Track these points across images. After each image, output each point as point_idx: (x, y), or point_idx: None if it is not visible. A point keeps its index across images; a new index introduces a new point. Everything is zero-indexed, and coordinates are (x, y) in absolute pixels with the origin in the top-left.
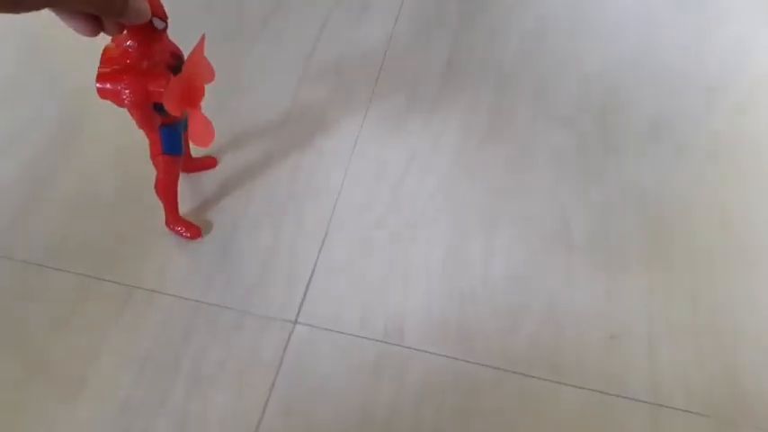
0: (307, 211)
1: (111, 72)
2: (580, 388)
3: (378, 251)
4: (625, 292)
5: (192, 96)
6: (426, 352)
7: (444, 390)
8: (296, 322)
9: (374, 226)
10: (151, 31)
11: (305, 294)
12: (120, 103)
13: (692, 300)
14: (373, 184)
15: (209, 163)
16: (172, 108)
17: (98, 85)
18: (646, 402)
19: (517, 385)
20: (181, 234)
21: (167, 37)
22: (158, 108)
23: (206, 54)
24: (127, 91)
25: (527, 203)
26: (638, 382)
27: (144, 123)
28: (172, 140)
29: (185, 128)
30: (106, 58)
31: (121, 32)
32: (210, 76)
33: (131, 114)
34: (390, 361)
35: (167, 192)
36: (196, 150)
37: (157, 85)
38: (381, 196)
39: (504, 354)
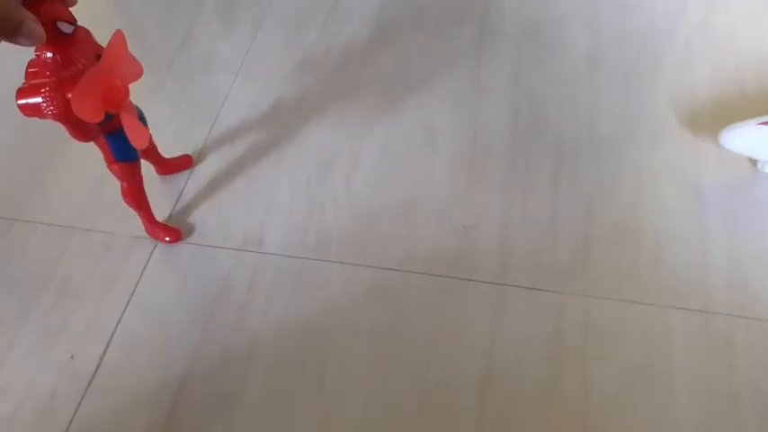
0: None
1: (29, 87)
2: (429, 275)
3: (244, 169)
4: (483, 186)
5: (112, 98)
6: (281, 255)
7: (296, 286)
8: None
9: (244, 147)
10: (61, 38)
11: (171, 213)
12: (45, 117)
13: (552, 188)
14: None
15: (184, 163)
16: (84, 114)
17: (18, 101)
18: (492, 283)
19: (366, 277)
20: (162, 240)
21: (91, 39)
22: None
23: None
24: (44, 104)
25: (397, 118)
26: (486, 266)
27: (78, 134)
28: (121, 147)
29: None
30: (29, 72)
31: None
32: (136, 73)
33: (64, 127)
34: (246, 265)
35: (136, 198)
36: (170, 149)
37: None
38: (255, 122)
39: (357, 251)
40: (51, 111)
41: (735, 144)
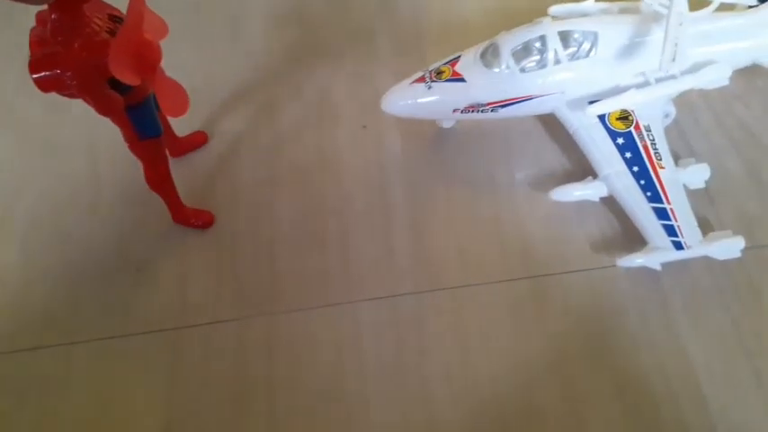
0: None
1: (44, 56)
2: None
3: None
4: None
5: (146, 58)
6: None
7: None
8: None
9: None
10: None
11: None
12: (67, 90)
13: None
14: None
15: (199, 139)
16: (125, 76)
17: (34, 75)
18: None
19: None
20: (195, 226)
21: None
22: (116, 86)
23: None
24: (69, 73)
25: None
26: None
27: (103, 108)
28: (145, 121)
29: (156, 102)
30: (34, 41)
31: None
32: (162, 29)
33: (87, 102)
34: None
35: (162, 182)
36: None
37: (103, 56)
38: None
39: None
40: (75, 81)
41: (395, 108)
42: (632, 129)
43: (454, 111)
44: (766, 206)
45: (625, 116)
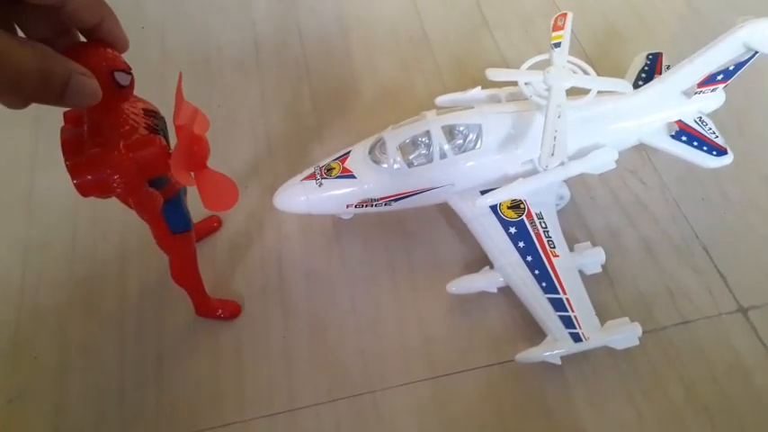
0: None
1: (87, 160)
2: None
3: None
4: None
5: (196, 154)
6: None
7: None
8: None
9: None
10: (114, 91)
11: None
12: (110, 193)
13: None
14: None
15: (213, 225)
16: (182, 177)
17: (75, 180)
18: None
19: None
20: (221, 317)
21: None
22: (153, 183)
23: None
24: (116, 177)
25: None
26: None
27: (145, 207)
28: (178, 216)
29: (185, 193)
30: (68, 144)
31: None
32: (204, 122)
33: (126, 203)
34: None
35: (189, 275)
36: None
37: (151, 156)
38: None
39: None
40: (121, 184)
41: (287, 205)
42: (524, 217)
43: (348, 206)
44: (663, 285)
45: (516, 204)
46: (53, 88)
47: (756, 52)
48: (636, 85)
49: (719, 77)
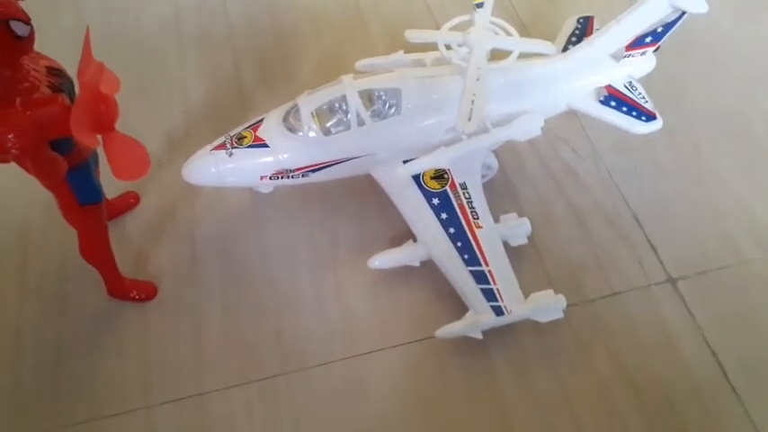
0: None
1: None
2: None
3: None
4: None
5: (104, 114)
6: None
7: None
8: None
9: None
10: (11, 43)
11: None
12: (5, 155)
13: None
14: None
15: (129, 202)
16: (85, 137)
17: None
18: None
19: None
20: (135, 299)
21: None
22: (58, 147)
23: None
24: (10, 136)
25: None
26: None
27: (46, 173)
28: (86, 186)
29: (97, 163)
30: None
31: None
32: (114, 83)
33: (24, 167)
34: None
35: (98, 252)
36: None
37: (51, 115)
38: None
39: None
40: (17, 144)
41: (197, 177)
42: (447, 187)
43: (262, 178)
44: (592, 256)
45: (440, 174)
46: None
47: (684, 12)
48: (565, 50)
49: (648, 40)
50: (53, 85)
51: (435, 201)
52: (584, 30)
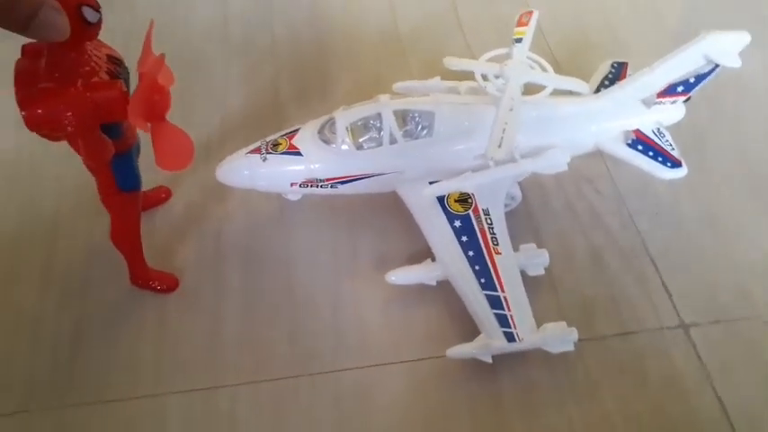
0: None
1: (39, 92)
2: None
3: None
4: None
5: (157, 104)
6: None
7: None
8: None
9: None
10: (80, 28)
11: None
12: (62, 132)
13: None
14: None
15: (160, 196)
16: (138, 122)
17: (24, 112)
18: None
19: None
20: (156, 290)
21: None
22: (108, 131)
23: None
24: (69, 114)
25: None
26: None
27: (94, 154)
28: (127, 172)
29: (138, 153)
30: (22, 74)
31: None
32: (169, 76)
33: (75, 146)
34: None
35: (129, 239)
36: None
37: (109, 99)
38: None
39: None
40: (73, 122)
41: (230, 178)
42: (471, 212)
43: (292, 184)
44: (607, 294)
45: (464, 198)
46: (20, 18)
47: (717, 65)
48: (597, 91)
49: (680, 89)
50: (111, 72)
51: (457, 223)
52: (617, 74)
